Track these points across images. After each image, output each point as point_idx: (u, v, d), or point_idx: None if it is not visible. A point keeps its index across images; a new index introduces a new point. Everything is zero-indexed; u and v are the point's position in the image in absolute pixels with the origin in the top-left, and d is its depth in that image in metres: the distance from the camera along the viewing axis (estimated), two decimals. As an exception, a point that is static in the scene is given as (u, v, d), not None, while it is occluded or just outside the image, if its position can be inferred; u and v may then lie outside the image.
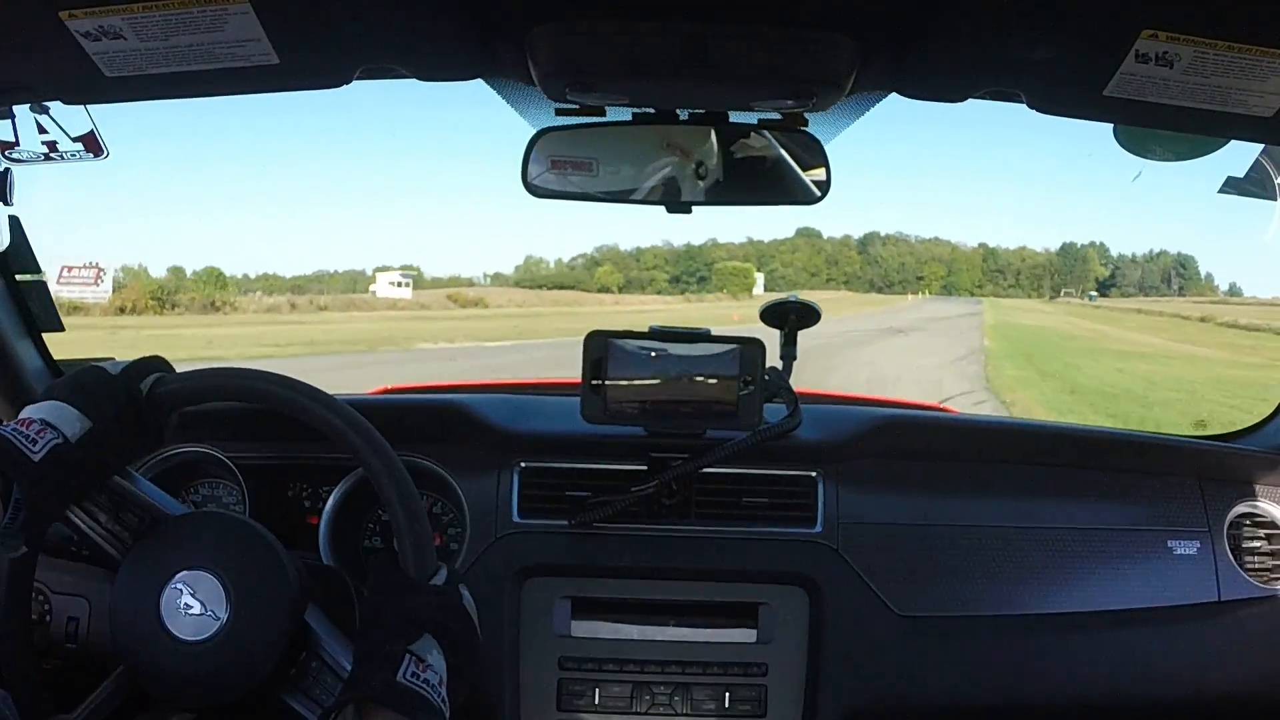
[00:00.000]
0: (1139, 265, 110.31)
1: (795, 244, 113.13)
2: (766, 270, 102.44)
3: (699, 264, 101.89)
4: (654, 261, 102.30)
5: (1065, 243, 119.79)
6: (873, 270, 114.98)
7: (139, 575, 1.05)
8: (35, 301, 1.56)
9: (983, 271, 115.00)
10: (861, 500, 1.50)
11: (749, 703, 1.43)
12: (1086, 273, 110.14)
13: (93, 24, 1.03)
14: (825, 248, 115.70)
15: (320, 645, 1.06)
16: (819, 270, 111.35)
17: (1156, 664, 1.47)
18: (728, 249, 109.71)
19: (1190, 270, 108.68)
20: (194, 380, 1.09)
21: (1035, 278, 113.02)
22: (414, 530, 1.05)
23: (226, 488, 1.55)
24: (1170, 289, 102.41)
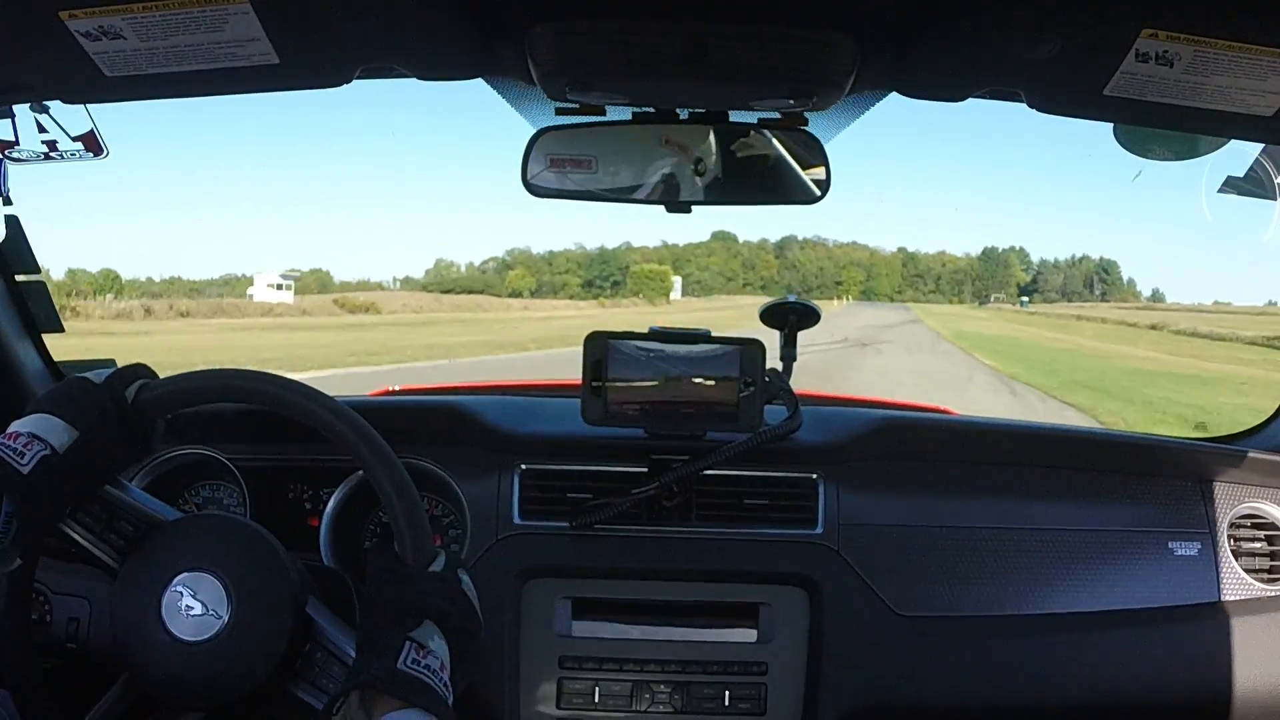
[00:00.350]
0: (1061, 270, 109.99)
1: (711, 248, 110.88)
2: (683, 274, 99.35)
3: (613, 268, 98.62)
4: (567, 265, 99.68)
5: (987, 247, 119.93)
6: (790, 275, 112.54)
7: (139, 579, 1.05)
8: (35, 302, 1.56)
9: (902, 276, 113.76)
10: (862, 502, 1.50)
11: (749, 702, 1.42)
12: (1008, 278, 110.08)
13: (93, 24, 1.03)
14: (742, 251, 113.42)
15: (324, 636, 1.07)
16: (735, 275, 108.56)
17: (1157, 665, 1.47)
18: (642, 252, 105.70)
19: (1113, 275, 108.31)
20: (178, 384, 1.09)
21: (956, 283, 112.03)
22: (409, 515, 1.05)
23: (227, 490, 1.55)
24: (1093, 294, 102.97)
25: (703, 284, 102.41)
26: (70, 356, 1.63)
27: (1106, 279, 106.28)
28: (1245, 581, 1.53)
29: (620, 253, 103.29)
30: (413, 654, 0.94)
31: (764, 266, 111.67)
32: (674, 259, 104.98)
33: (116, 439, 1.05)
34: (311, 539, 1.47)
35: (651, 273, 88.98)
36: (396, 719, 0.90)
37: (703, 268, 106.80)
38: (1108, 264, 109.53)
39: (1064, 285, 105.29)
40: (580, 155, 1.43)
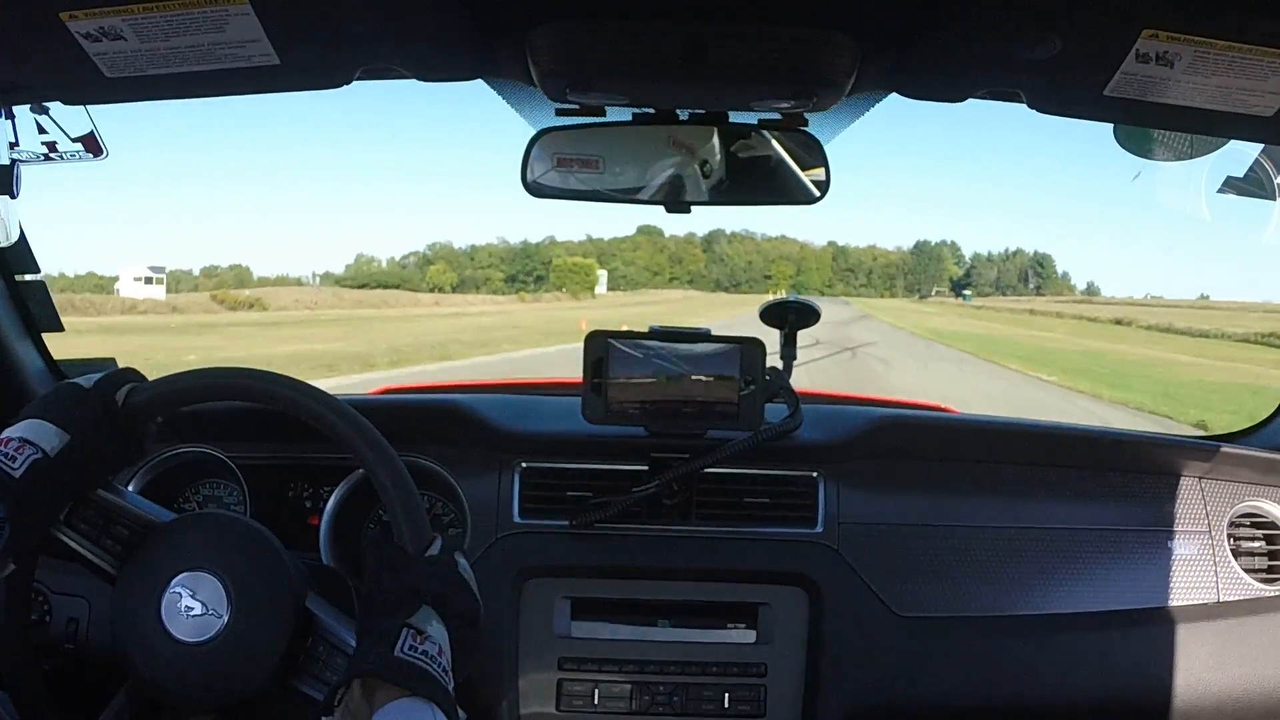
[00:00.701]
0: (994, 264, 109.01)
1: (637, 242, 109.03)
2: (607, 268, 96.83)
3: (536, 262, 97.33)
4: (489, 260, 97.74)
5: (919, 241, 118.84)
6: (718, 269, 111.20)
7: (137, 582, 1.05)
8: (35, 301, 1.56)
9: (833, 270, 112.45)
10: (862, 500, 1.50)
11: (748, 703, 1.43)
12: (940, 271, 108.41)
13: (93, 25, 1.03)
14: (668, 246, 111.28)
15: (325, 629, 1.07)
16: (662, 269, 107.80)
17: (1156, 664, 1.47)
18: (567, 246, 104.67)
19: (1048, 269, 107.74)
20: (167, 385, 1.09)
21: (888, 277, 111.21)
22: (404, 502, 1.05)
23: (227, 488, 1.55)
24: (1027, 287, 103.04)
25: (628, 278, 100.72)
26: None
27: (1041, 273, 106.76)
28: (1244, 581, 1.53)
29: (544, 247, 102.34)
30: (410, 640, 0.94)
31: (691, 260, 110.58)
32: (599, 253, 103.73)
33: (108, 442, 1.05)
34: (311, 537, 1.47)
35: (575, 266, 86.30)
36: (396, 707, 0.90)
37: (628, 262, 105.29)
38: (1042, 258, 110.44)
39: (998, 279, 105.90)
40: (585, 155, 1.43)
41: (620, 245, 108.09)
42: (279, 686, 1.05)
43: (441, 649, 0.96)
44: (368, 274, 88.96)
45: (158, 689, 1.04)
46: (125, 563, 1.06)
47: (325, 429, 1.06)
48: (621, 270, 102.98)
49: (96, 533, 1.07)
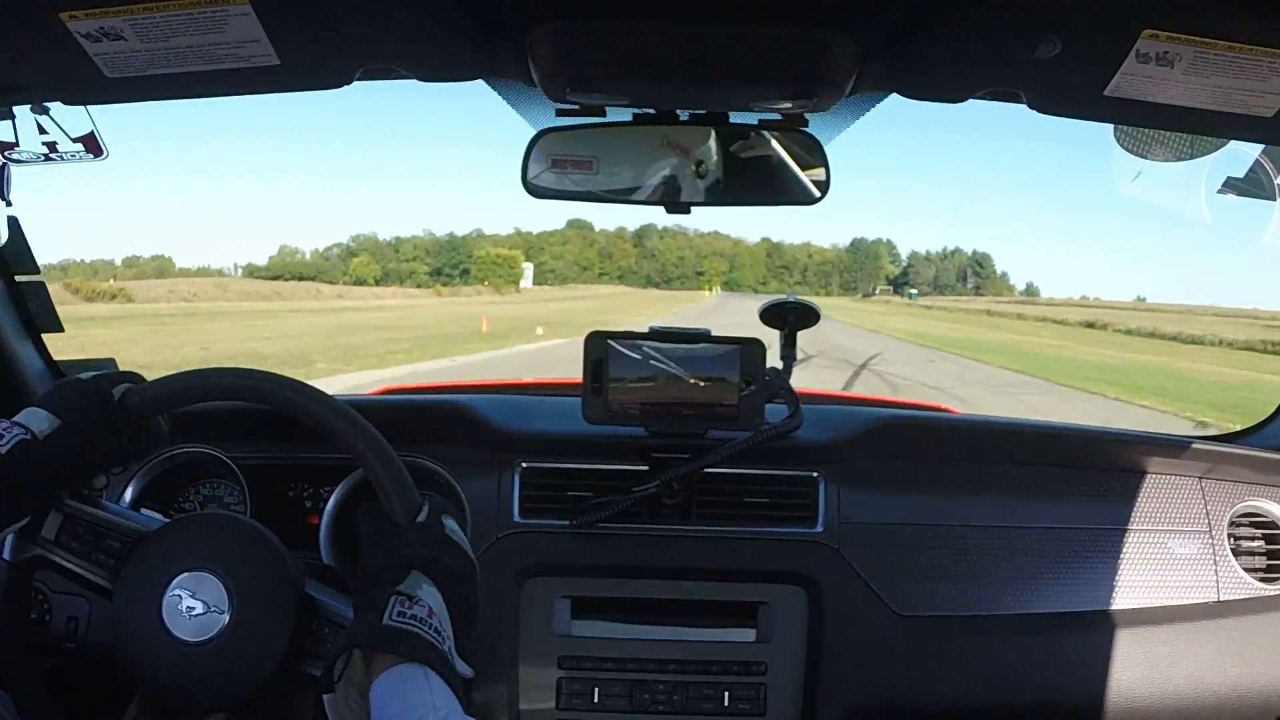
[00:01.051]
0: (933, 263, 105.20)
1: (566, 236, 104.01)
2: (535, 263, 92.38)
3: (462, 255, 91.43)
4: (414, 252, 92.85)
5: (856, 238, 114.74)
6: (649, 265, 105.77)
7: (136, 590, 1.05)
8: (35, 302, 1.56)
9: (767, 268, 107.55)
10: (862, 500, 1.50)
11: (748, 702, 1.43)
12: (877, 270, 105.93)
13: (93, 25, 1.03)
14: (598, 240, 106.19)
15: (327, 610, 1.08)
16: (592, 264, 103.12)
17: (1156, 664, 1.47)
18: (494, 240, 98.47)
19: (987, 269, 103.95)
20: (164, 385, 1.09)
21: (824, 275, 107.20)
22: (389, 472, 1.05)
23: (228, 488, 1.55)
24: (966, 287, 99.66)
25: (557, 273, 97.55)
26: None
27: (981, 272, 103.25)
28: (1244, 581, 1.54)
29: (471, 240, 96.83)
30: (398, 607, 0.93)
31: (621, 255, 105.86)
32: (528, 246, 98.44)
33: (101, 435, 1.05)
34: (311, 537, 1.48)
35: (499, 258, 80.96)
36: (391, 675, 0.90)
37: (557, 256, 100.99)
38: (981, 257, 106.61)
39: (936, 278, 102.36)
40: (578, 157, 1.43)
41: (550, 239, 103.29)
42: (288, 674, 1.05)
43: (432, 610, 0.95)
44: (286, 265, 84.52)
45: (167, 693, 1.04)
46: (120, 573, 1.06)
47: (323, 428, 1.07)
48: (550, 265, 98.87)
49: (88, 549, 1.08)
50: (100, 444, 1.06)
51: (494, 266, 79.09)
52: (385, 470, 1.05)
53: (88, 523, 1.08)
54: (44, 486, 1.04)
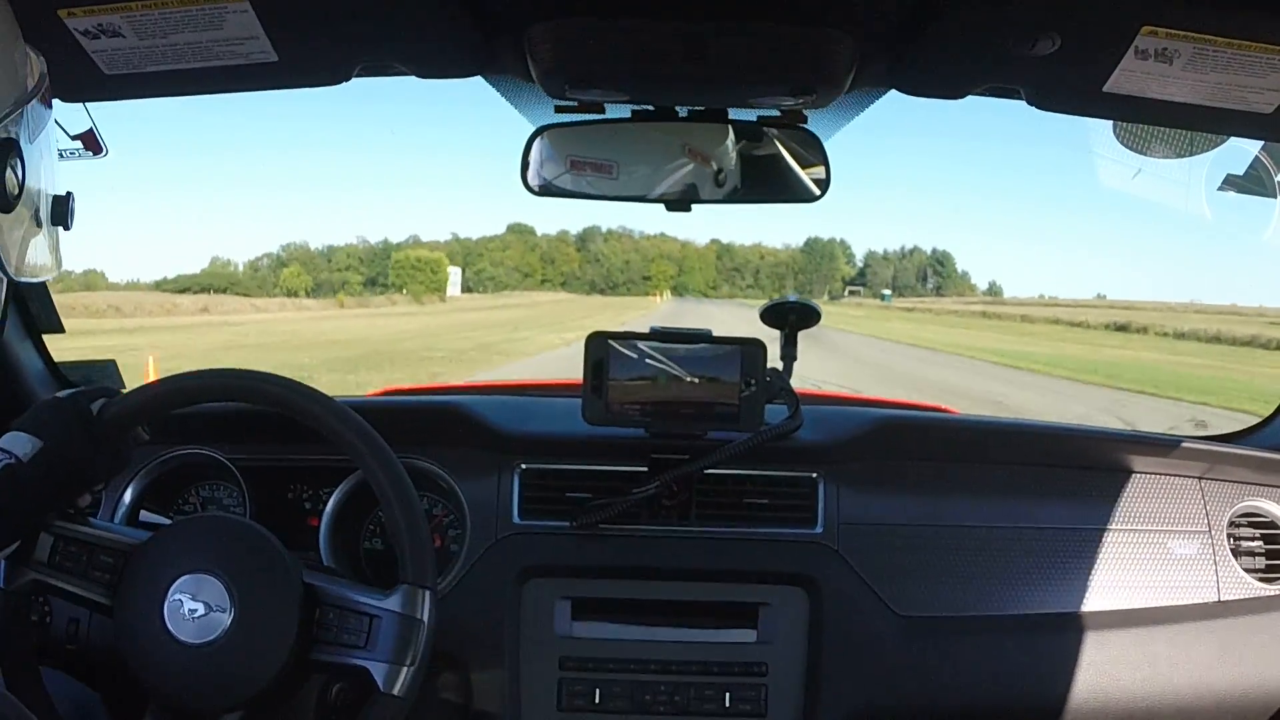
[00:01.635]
0: (890, 262, 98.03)
1: (507, 241, 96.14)
2: (473, 269, 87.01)
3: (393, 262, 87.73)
4: (347, 261, 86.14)
5: (810, 238, 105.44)
6: (593, 269, 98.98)
7: (136, 598, 1.05)
8: (35, 303, 1.56)
9: (717, 270, 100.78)
10: (862, 501, 1.50)
11: (749, 703, 1.42)
12: (833, 271, 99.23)
13: (91, 22, 1.03)
14: (540, 245, 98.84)
15: (329, 595, 1.08)
16: (534, 269, 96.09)
17: (1157, 664, 1.47)
18: (430, 246, 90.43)
19: (948, 268, 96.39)
20: (140, 395, 1.09)
21: (777, 277, 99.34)
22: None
23: (227, 490, 1.55)
24: (925, 287, 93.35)
25: (497, 279, 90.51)
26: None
27: (942, 271, 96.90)
28: (1244, 581, 1.53)
29: (408, 247, 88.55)
30: None
31: (564, 260, 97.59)
32: (465, 252, 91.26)
33: (85, 451, 1.05)
34: (311, 539, 1.48)
35: (420, 261, 71.52)
36: None
37: (497, 262, 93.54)
38: (942, 256, 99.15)
39: (895, 278, 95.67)
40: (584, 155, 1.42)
41: (489, 244, 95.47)
42: (299, 665, 1.06)
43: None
44: (223, 278, 77.06)
45: (178, 698, 1.05)
46: (118, 589, 1.06)
47: (313, 424, 1.07)
48: (490, 271, 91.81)
49: (82, 567, 1.08)
50: (85, 461, 1.06)
51: (414, 272, 71.20)
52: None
53: (79, 541, 1.08)
54: (32, 510, 1.04)
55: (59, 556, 1.07)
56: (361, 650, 1.06)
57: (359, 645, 1.06)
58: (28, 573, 1.06)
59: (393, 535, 1.08)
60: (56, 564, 1.07)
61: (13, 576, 1.06)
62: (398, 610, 1.07)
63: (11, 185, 0.87)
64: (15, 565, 1.06)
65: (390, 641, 1.05)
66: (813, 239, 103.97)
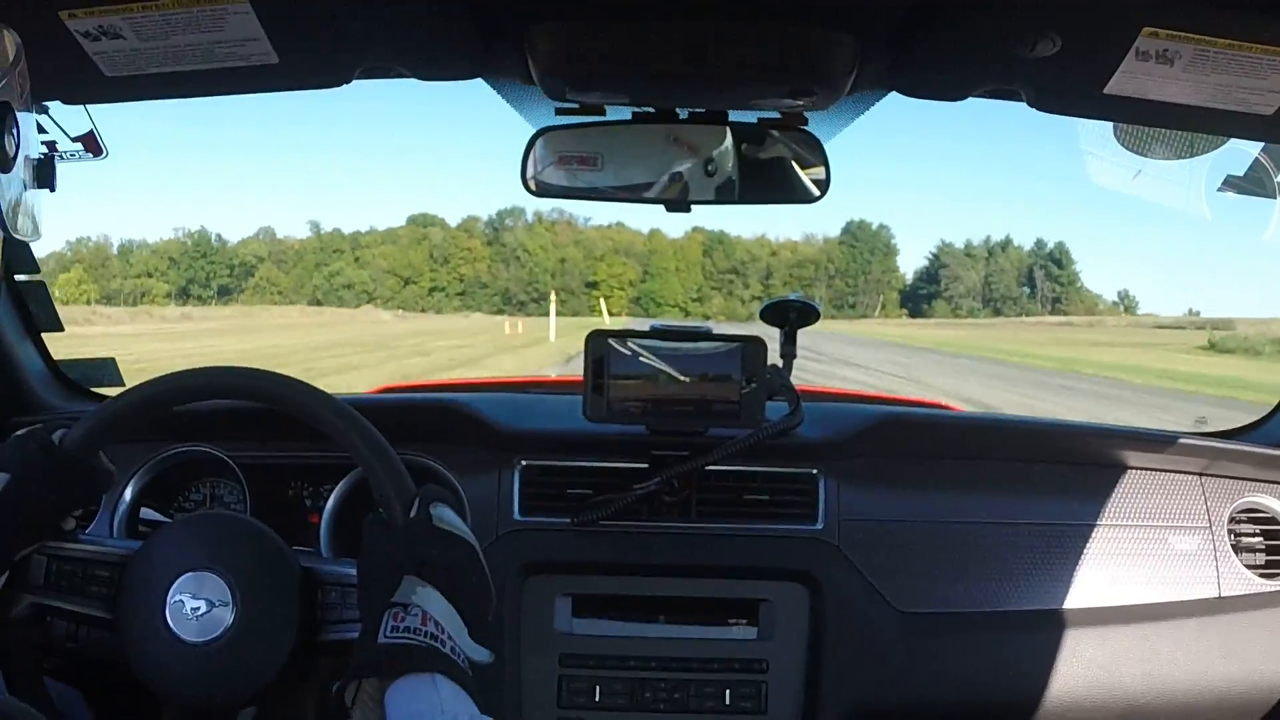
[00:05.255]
0: (977, 260, 68.17)
1: (397, 234, 73.35)
2: (324, 273, 67.37)
3: (220, 265, 68.06)
4: (151, 263, 68.05)
5: (854, 222, 71.71)
6: (510, 272, 70.63)
7: (136, 605, 1.05)
8: (35, 302, 1.55)
9: (704, 273, 71.90)
10: (862, 497, 1.50)
11: (749, 700, 1.43)
12: (888, 274, 70.11)
13: (92, 24, 1.03)
14: (430, 238, 72.51)
15: (327, 575, 1.08)
16: (418, 273, 70.88)
17: (1158, 660, 1.47)
18: (287, 244, 70.92)
19: (1067, 270, 67.36)
20: (95, 416, 1.07)
21: (800, 283, 71.08)
22: (378, 459, 1.04)
23: (228, 487, 1.56)
24: (1034, 299, 66.11)
25: (357, 287, 68.03)
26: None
27: (1059, 276, 67.02)
28: (1245, 577, 1.54)
29: (254, 243, 69.02)
30: (391, 622, 0.93)
31: (464, 259, 71.26)
32: (324, 249, 70.24)
33: (53, 482, 1.04)
34: (312, 535, 1.48)
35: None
36: (398, 689, 0.90)
37: (364, 263, 70.74)
38: (1058, 252, 67.39)
39: (986, 284, 67.75)
40: (583, 152, 1.42)
41: (366, 240, 72.02)
42: (309, 650, 1.06)
43: (427, 615, 0.95)
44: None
45: (189, 698, 1.05)
46: (117, 600, 1.07)
47: (286, 409, 1.07)
48: (347, 276, 68.08)
49: (79, 584, 1.08)
50: (54, 493, 1.05)
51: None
52: (374, 455, 1.04)
53: (72, 559, 1.08)
54: (12, 543, 1.04)
55: (54, 576, 1.07)
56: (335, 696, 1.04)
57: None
58: (25, 597, 1.06)
59: (381, 501, 1.06)
60: (53, 584, 1.07)
61: (10, 603, 1.06)
62: None
63: (9, 146, 0.89)
64: (11, 592, 1.05)
65: None
66: (857, 224, 71.13)
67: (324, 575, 1.08)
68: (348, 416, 1.05)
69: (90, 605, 1.07)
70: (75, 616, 1.08)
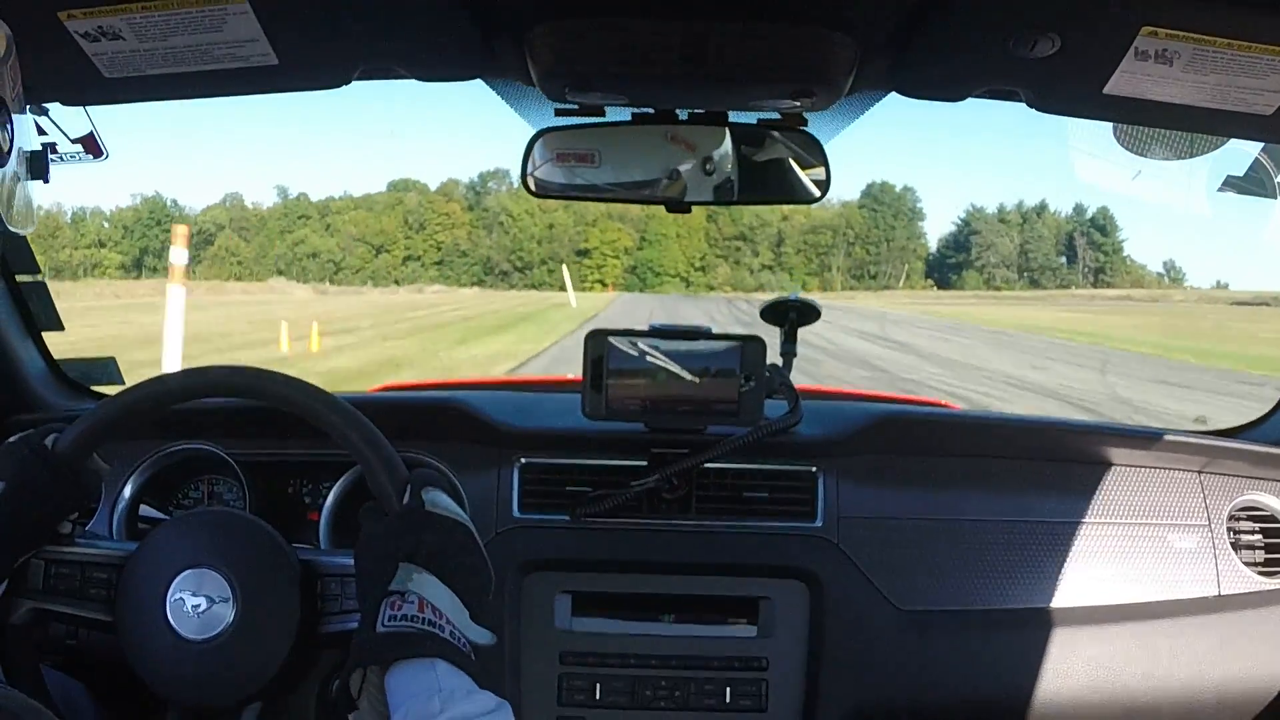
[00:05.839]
0: (1010, 226, 61.67)
1: (374, 200, 63.95)
2: (287, 240, 59.63)
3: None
4: (103, 232, 62.39)
5: (875, 183, 65.04)
6: (494, 240, 64.01)
7: (136, 606, 1.06)
8: (35, 301, 1.56)
9: (708, 240, 65.83)
10: (861, 495, 1.51)
11: (749, 697, 1.43)
12: (913, 242, 62.86)
13: (91, 25, 1.03)
14: (406, 202, 64.82)
15: (325, 566, 1.09)
16: (390, 240, 62.70)
17: (1157, 658, 1.48)
18: (256, 211, 62.76)
19: (1112, 238, 60.66)
20: (87, 420, 1.07)
21: (816, 250, 65.00)
22: (369, 446, 1.05)
23: (227, 484, 1.56)
24: (1073, 269, 59.71)
25: (324, 256, 60.22)
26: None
27: (1102, 244, 60.17)
28: (1244, 574, 1.54)
29: (214, 210, 61.30)
30: (388, 610, 0.94)
31: (443, 225, 63.75)
32: (290, 214, 62.67)
33: (48, 487, 1.04)
34: (311, 533, 1.48)
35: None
36: (397, 673, 0.91)
37: (334, 229, 63.40)
38: (1100, 218, 59.91)
39: (1022, 253, 61.17)
40: (580, 150, 1.41)
41: (338, 205, 64.30)
42: (311, 642, 1.06)
43: (424, 601, 0.95)
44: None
45: (194, 698, 1.05)
46: (115, 603, 1.07)
47: (269, 400, 1.07)
48: (312, 244, 60.57)
49: (77, 587, 1.08)
50: (50, 498, 1.05)
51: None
52: (364, 443, 1.05)
53: (70, 562, 1.08)
54: (9, 550, 1.04)
55: (52, 580, 1.07)
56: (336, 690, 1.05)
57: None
58: (24, 603, 1.06)
59: (376, 490, 1.06)
60: (51, 588, 1.07)
61: (10, 609, 1.06)
62: None
63: (3, 140, 0.90)
64: (10, 598, 1.06)
65: None
66: (879, 186, 63.22)
67: (323, 567, 1.09)
68: (341, 410, 1.06)
69: (89, 608, 1.08)
70: (75, 620, 1.09)
